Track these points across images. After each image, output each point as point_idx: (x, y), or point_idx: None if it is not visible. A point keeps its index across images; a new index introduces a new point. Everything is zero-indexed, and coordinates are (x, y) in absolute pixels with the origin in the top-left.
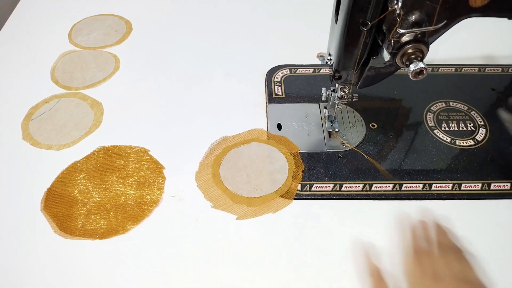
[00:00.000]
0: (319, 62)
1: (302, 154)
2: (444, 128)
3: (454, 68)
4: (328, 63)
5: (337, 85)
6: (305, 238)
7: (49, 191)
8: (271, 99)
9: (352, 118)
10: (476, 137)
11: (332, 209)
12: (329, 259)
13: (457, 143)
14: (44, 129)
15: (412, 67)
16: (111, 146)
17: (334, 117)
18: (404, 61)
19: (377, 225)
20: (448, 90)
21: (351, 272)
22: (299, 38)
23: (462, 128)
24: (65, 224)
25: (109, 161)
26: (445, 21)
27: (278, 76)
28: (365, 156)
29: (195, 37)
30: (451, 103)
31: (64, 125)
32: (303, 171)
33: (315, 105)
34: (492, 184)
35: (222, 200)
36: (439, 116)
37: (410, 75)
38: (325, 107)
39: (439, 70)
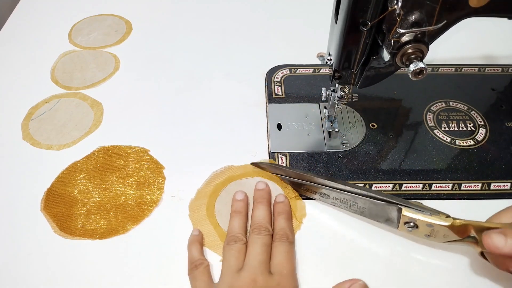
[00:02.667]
0: (319, 62)
1: (302, 154)
2: (444, 128)
3: (454, 68)
4: (328, 63)
5: (337, 85)
6: (305, 238)
7: (49, 191)
8: (271, 99)
9: (352, 118)
10: (476, 137)
11: (332, 209)
12: (331, 259)
13: (457, 143)
14: (44, 129)
15: (412, 67)
16: (111, 146)
17: (334, 117)
18: (404, 61)
19: (377, 225)
20: (448, 90)
21: (351, 273)
22: (299, 38)
23: (462, 128)
24: (65, 224)
25: (109, 161)
26: (445, 21)
27: (278, 76)
28: None
29: (195, 37)
30: (451, 103)
31: (64, 125)
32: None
33: (315, 105)
34: (492, 184)
35: (211, 237)
36: (439, 116)
37: (410, 75)
38: (325, 107)
39: (439, 70)
